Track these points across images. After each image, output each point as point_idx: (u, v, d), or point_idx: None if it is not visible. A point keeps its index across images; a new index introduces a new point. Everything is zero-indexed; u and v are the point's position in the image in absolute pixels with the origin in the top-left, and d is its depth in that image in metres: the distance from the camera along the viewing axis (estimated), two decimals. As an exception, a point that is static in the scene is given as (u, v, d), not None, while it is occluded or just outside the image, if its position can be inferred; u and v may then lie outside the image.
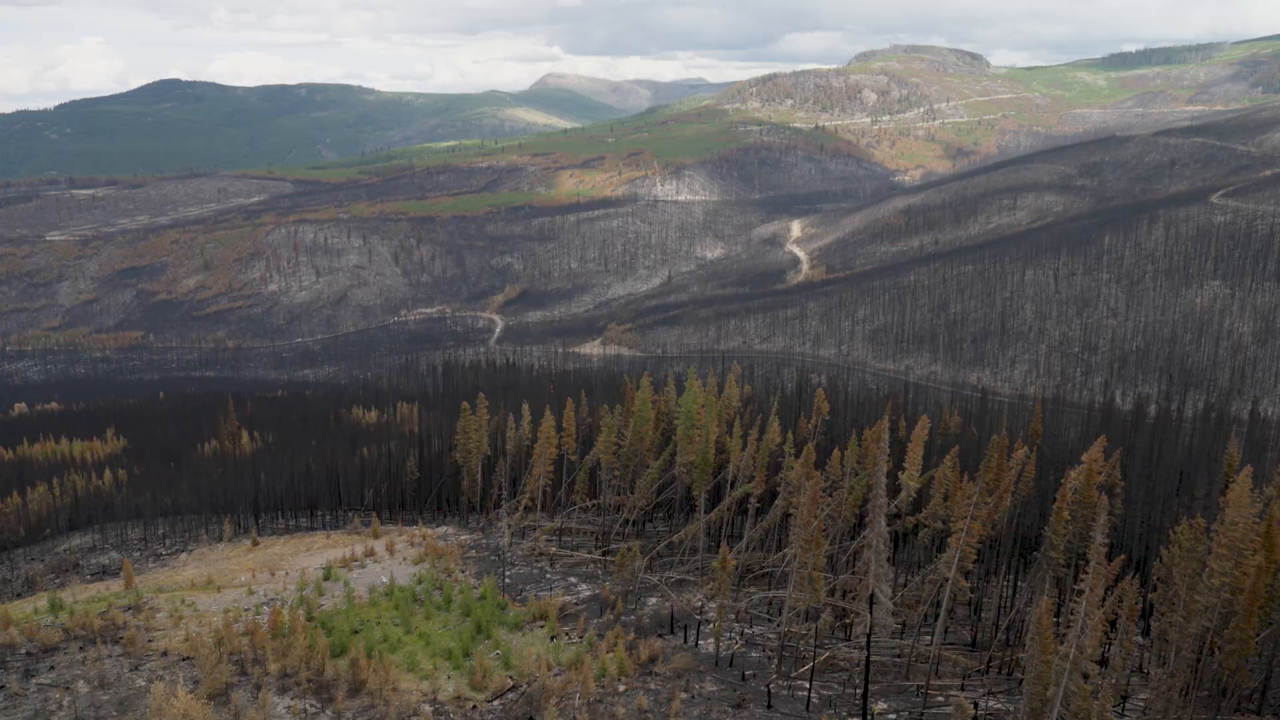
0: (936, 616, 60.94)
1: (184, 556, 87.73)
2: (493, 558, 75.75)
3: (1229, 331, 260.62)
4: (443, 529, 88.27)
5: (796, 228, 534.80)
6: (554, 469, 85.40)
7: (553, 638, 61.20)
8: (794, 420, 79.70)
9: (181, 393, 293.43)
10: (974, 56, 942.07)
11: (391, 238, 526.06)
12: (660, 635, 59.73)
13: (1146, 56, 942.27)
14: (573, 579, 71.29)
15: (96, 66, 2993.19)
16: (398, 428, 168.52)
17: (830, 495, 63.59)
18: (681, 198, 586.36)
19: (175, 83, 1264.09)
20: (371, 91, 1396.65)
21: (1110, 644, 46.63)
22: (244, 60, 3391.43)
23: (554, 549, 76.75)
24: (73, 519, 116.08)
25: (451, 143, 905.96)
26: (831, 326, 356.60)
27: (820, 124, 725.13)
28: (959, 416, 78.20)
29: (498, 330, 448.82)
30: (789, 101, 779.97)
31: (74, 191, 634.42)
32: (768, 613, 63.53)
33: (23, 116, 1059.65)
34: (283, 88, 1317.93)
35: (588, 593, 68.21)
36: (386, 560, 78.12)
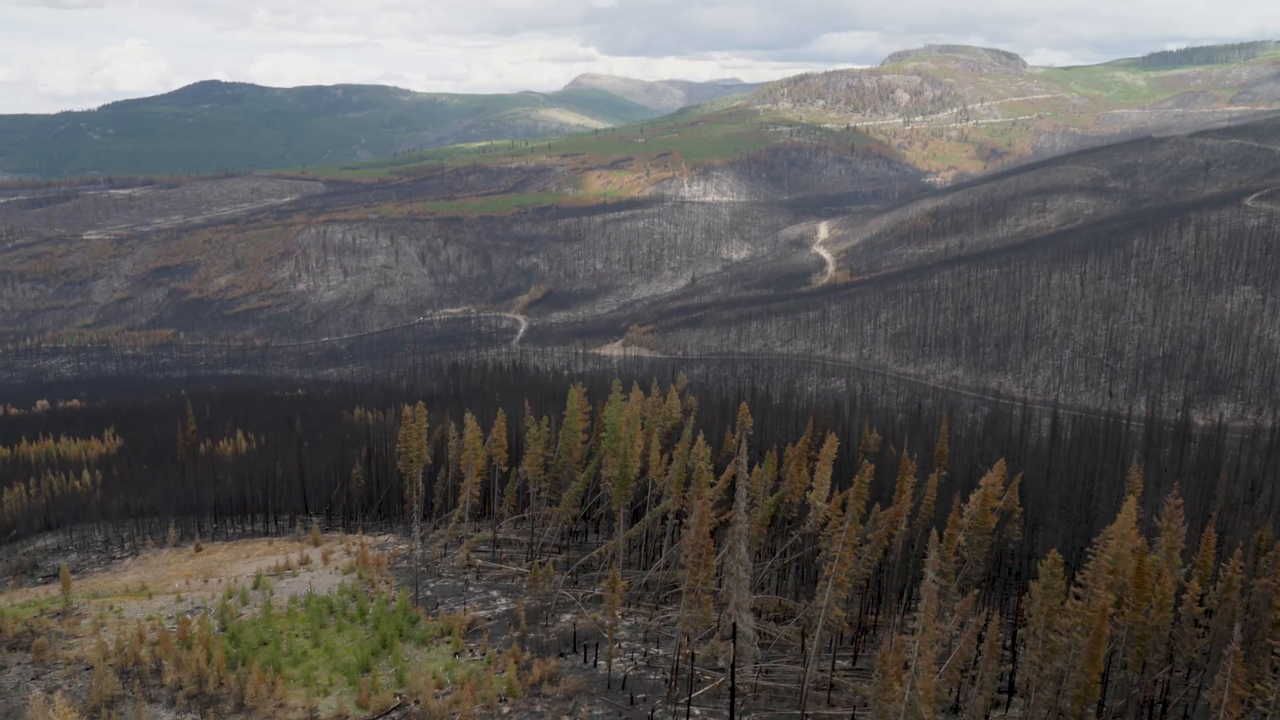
0: (847, 641, 58.87)
1: (128, 561, 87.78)
2: (422, 568, 74.71)
3: (1259, 338, 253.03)
4: (384, 538, 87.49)
5: (824, 229, 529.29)
6: (489, 479, 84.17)
7: (456, 654, 59.88)
8: (720, 435, 77.77)
9: (203, 391, 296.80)
10: (1010, 56, 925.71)
11: (419, 238, 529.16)
12: (561, 654, 58.22)
13: (1188, 56, 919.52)
14: (495, 593, 70.02)
15: (140, 68, 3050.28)
16: (396, 430, 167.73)
17: (747, 514, 61.54)
18: (709, 199, 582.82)
19: (215, 84, 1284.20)
20: (407, 92, 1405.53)
21: (966, 683, 44.37)
22: (283, 61, 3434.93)
23: (480, 561, 75.50)
24: (48, 520, 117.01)
25: (483, 143, 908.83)
26: (853, 330, 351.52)
27: (852, 124, 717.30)
28: (878, 434, 75.76)
29: (521, 331, 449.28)
30: (820, 102, 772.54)
31: (112, 191, 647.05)
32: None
33: (67, 117, 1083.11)
34: (319, 89, 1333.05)
35: (504, 607, 66.86)
36: (320, 569, 77.45)
